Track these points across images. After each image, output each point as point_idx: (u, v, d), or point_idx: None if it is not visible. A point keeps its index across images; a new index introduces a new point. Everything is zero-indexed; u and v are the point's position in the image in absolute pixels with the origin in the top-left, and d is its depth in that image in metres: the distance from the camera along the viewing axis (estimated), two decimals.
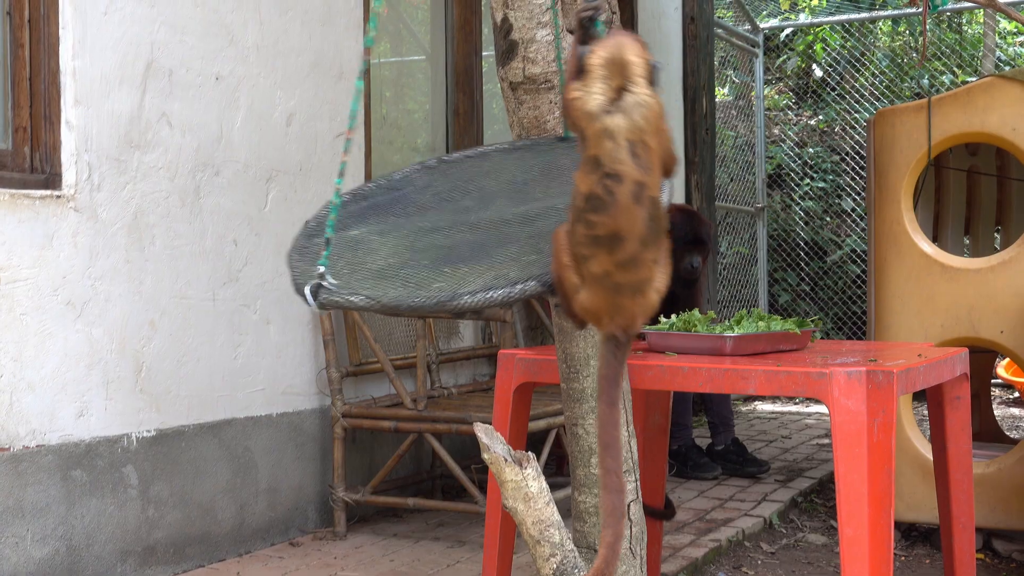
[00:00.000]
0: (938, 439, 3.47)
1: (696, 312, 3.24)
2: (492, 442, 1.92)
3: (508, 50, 2.79)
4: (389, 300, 2.03)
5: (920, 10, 4.72)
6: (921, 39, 9.54)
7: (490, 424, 2.19)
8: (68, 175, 3.96)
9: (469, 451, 5.45)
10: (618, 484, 1.99)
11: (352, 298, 2.05)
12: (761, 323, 3.21)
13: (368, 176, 5.31)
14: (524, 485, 2.01)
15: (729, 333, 3.03)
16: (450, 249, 2.24)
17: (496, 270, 2.11)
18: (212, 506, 4.45)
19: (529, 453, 1.95)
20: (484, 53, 6.23)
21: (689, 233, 5.38)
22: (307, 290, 2.08)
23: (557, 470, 5.82)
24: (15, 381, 3.76)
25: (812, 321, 3.31)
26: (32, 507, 3.79)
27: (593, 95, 1.93)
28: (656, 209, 1.94)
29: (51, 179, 3.94)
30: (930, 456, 4.20)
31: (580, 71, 1.97)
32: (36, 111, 3.94)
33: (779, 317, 3.30)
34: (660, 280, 1.98)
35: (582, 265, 1.97)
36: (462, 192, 2.56)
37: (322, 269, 2.11)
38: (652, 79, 1.96)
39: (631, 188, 1.90)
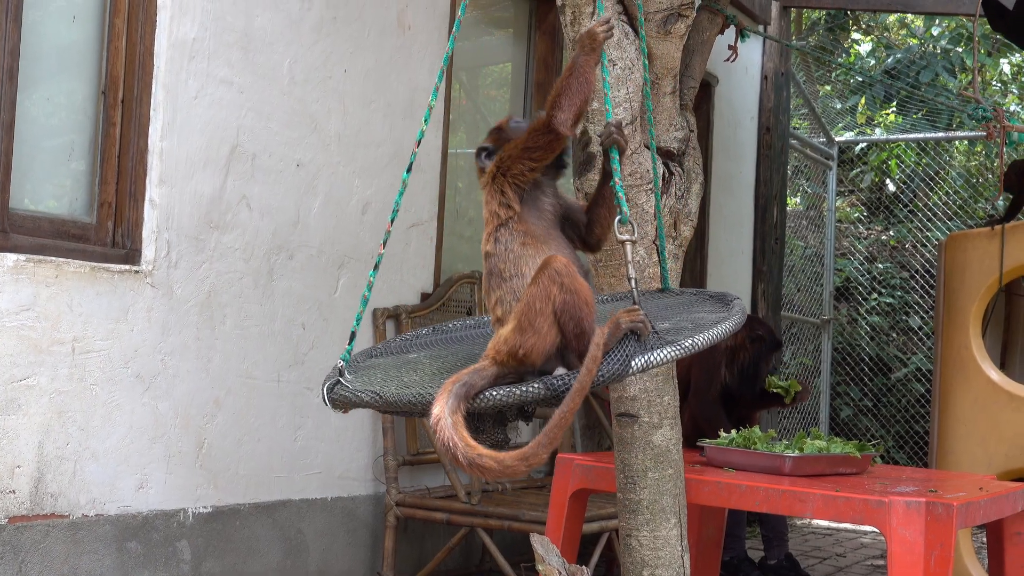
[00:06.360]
0: (997, 574, 3.41)
1: (756, 429, 3.24)
2: (548, 554, 1.93)
3: (585, 162, 2.83)
4: (389, 396, 2.13)
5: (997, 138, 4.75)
6: (997, 161, 9.52)
7: (543, 525, 2.21)
8: (147, 251, 4.06)
9: (520, 548, 5.42)
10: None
11: (361, 395, 2.16)
12: (821, 444, 3.20)
13: (437, 267, 5.37)
14: None
15: (789, 453, 3.03)
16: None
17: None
18: None
19: (583, 567, 1.96)
20: None
21: (773, 340, 4.84)
22: (324, 388, 2.18)
23: (607, 572, 5.77)
24: (80, 450, 3.82)
25: (873, 445, 3.30)
26: None
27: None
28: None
29: (131, 254, 4.04)
30: None
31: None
32: (122, 188, 4.06)
33: (839, 439, 3.29)
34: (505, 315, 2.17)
35: None
36: None
37: (342, 364, 2.22)
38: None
39: None
